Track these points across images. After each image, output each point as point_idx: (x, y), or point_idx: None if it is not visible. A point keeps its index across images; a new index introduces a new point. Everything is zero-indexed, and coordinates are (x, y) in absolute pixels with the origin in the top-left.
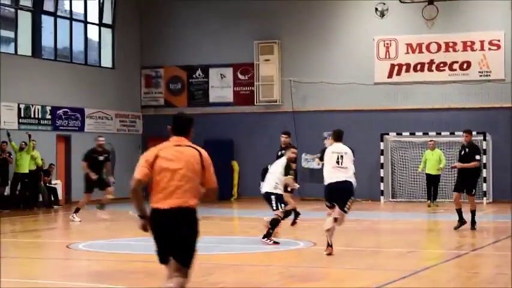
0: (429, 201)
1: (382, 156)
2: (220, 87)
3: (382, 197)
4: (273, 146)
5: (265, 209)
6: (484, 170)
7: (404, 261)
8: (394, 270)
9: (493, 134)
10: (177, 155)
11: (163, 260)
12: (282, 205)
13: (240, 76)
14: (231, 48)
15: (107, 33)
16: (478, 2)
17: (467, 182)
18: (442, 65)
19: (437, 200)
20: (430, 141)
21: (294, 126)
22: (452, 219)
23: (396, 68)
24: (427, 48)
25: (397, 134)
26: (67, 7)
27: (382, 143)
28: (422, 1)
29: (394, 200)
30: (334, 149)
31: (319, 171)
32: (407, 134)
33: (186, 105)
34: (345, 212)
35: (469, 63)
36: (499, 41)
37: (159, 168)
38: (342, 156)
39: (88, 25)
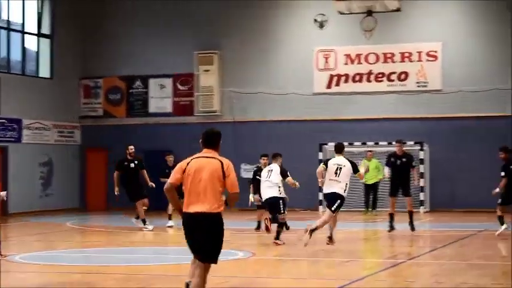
0: (366, 209)
1: None
2: (160, 98)
3: (320, 207)
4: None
5: None
6: (422, 180)
7: (342, 270)
8: (332, 280)
9: (430, 144)
10: (203, 165)
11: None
12: (285, 209)
13: (179, 86)
14: (170, 59)
15: (45, 43)
16: (415, 13)
17: (403, 185)
18: (380, 75)
19: (376, 208)
20: (369, 151)
21: (233, 137)
22: (388, 229)
23: (335, 78)
24: (366, 59)
25: None
26: (5, 17)
27: (320, 153)
28: (361, 12)
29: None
30: (336, 161)
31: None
32: (346, 143)
33: (125, 115)
34: (332, 211)
35: (406, 74)
36: (436, 52)
37: (187, 176)
38: (340, 169)
39: (26, 35)
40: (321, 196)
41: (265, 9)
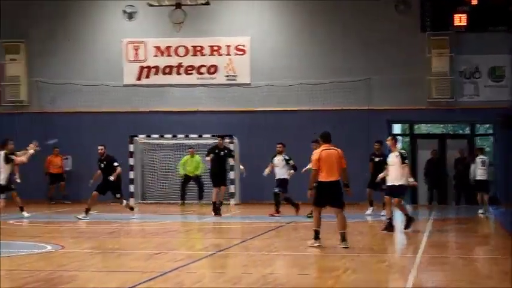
0: (182, 201)
1: (131, 158)
2: None
3: (132, 199)
4: (20, 147)
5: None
6: (232, 172)
7: (152, 263)
8: (142, 272)
9: (240, 137)
10: (329, 153)
11: (320, 205)
12: None
13: None
14: None
15: None
16: (224, 8)
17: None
18: (190, 68)
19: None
20: (190, 148)
21: (42, 128)
22: (204, 220)
23: (145, 70)
24: (176, 51)
25: (147, 136)
26: None
27: (131, 145)
28: (170, 5)
29: (144, 201)
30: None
31: None
32: (157, 136)
33: None
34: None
35: (216, 67)
36: (244, 46)
37: (322, 161)
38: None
39: None
40: (132, 188)
41: None
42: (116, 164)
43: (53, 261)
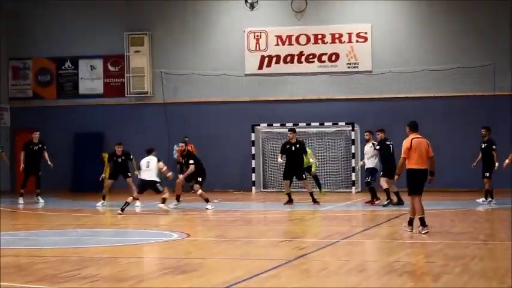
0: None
1: (253, 147)
2: (90, 79)
3: (253, 188)
4: (144, 138)
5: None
6: (353, 160)
7: (277, 251)
8: (268, 260)
9: (361, 125)
10: (419, 142)
11: (416, 193)
12: None
13: (110, 68)
14: (101, 40)
15: None
16: None
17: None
18: (311, 56)
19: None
20: None
21: (164, 118)
22: (326, 208)
23: (266, 59)
24: (297, 40)
25: (268, 125)
26: None
27: (253, 134)
28: None
29: (266, 190)
30: None
31: None
32: (278, 125)
33: (55, 97)
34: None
35: (337, 55)
36: (366, 33)
37: (413, 150)
38: None
39: None
40: (254, 177)
41: None
42: (191, 162)
43: (179, 249)
